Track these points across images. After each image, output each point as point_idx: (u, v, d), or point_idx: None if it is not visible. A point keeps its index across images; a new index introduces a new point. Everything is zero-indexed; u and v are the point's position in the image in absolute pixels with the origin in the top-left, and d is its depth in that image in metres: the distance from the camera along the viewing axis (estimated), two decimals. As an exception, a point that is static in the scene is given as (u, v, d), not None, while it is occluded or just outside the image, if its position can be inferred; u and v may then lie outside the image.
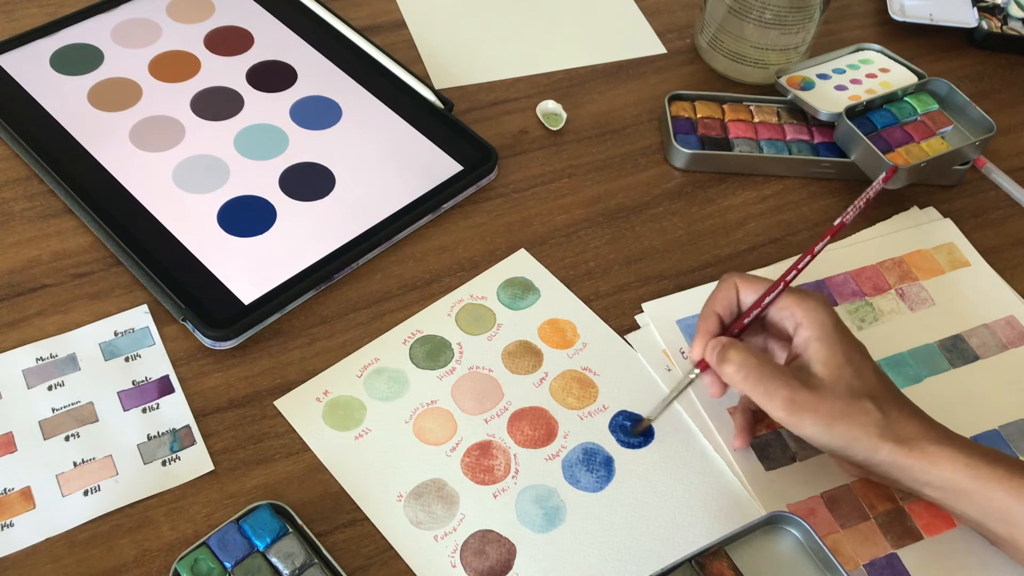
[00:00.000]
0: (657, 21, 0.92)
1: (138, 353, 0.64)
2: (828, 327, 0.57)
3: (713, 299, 0.60)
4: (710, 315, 0.60)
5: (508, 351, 0.66)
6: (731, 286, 0.60)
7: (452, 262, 0.71)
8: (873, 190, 0.62)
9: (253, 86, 0.79)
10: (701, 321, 0.60)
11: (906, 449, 0.54)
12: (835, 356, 0.56)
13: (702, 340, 0.59)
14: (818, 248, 0.60)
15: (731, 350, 0.56)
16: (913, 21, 0.92)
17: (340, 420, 0.62)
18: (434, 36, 0.88)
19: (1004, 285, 0.73)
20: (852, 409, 0.54)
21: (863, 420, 0.54)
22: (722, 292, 0.60)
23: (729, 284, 0.60)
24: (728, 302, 0.60)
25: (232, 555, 0.54)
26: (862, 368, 0.56)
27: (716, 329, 0.59)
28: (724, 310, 0.60)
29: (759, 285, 0.59)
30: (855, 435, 0.54)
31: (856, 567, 0.58)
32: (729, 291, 0.60)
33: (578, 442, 0.62)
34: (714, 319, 0.59)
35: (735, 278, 0.60)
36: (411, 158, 0.75)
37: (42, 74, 0.78)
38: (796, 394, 0.54)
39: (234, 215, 0.70)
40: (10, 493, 0.57)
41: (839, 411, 0.54)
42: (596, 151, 0.80)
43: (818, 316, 0.57)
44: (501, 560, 0.57)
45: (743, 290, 0.60)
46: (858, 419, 0.54)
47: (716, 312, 0.60)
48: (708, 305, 0.60)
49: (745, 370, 0.55)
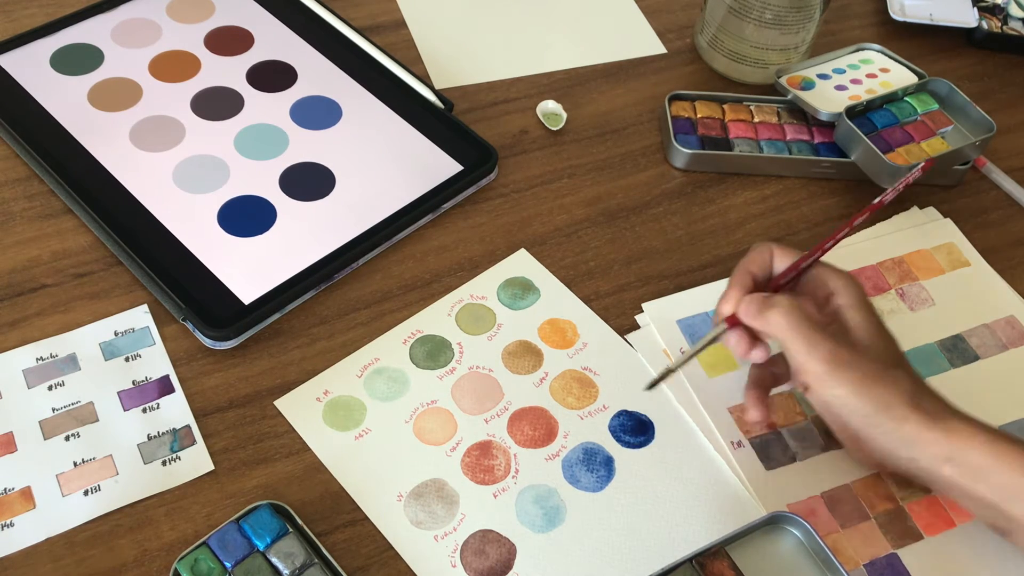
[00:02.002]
0: (657, 21, 0.92)
1: (138, 353, 0.64)
2: (862, 297, 0.58)
3: (748, 260, 0.60)
4: (745, 272, 0.59)
5: (508, 351, 0.66)
6: (766, 250, 0.60)
7: (452, 262, 0.71)
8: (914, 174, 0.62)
9: (253, 86, 0.79)
10: (735, 277, 0.59)
11: (931, 422, 0.54)
12: (870, 323, 0.57)
13: (736, 295, 0.58)
14: (857, 221, 0.60)
15: (779, 297, 0.56)
16: (913, 21, 0.92)
17: (340, 420, 0.62)
18: (434, 36, 0.88)
19: (1004, 285, 0.73)
20: (887, 374, 0.54)
21: (896, 387, 0.54)
22: (757, 254, 0.60)
23: (764, 248, 0.60)
24: (763, 264, 0.59)
25: (232, 555, 0.54)
26: (892, 341, 0.57)
27: (750, 286, 0.58)
28: (759, 270, 0.59)
29: (795, 253, 0.59)
30: (887, 401, 0.54)
31: (856, 567, 0.58)
32: (764, 255, 0.60)
33: (578, 442, 0.62)
34: (748, 276, 0.59)
35: (771, 244, 0.60)
36: (411, 158, 0.75)
37: (42, 74, 0.78)
38: (839, 348, 0.54)
39: (234, 215, 0.70)
40: (10, 493, 0.57)
41: (875, 374, 0.54)
42: (596, 151, 0.80)
43: (853, 286, 0.58)
44: (501, 560, 0.57)
45: (778, 256, 0.59)
46: (892, 385, 0.54)
47: (750, 271, 0.59)
48: (741, 265, 0.59)
49: (793, 318, 0.55)
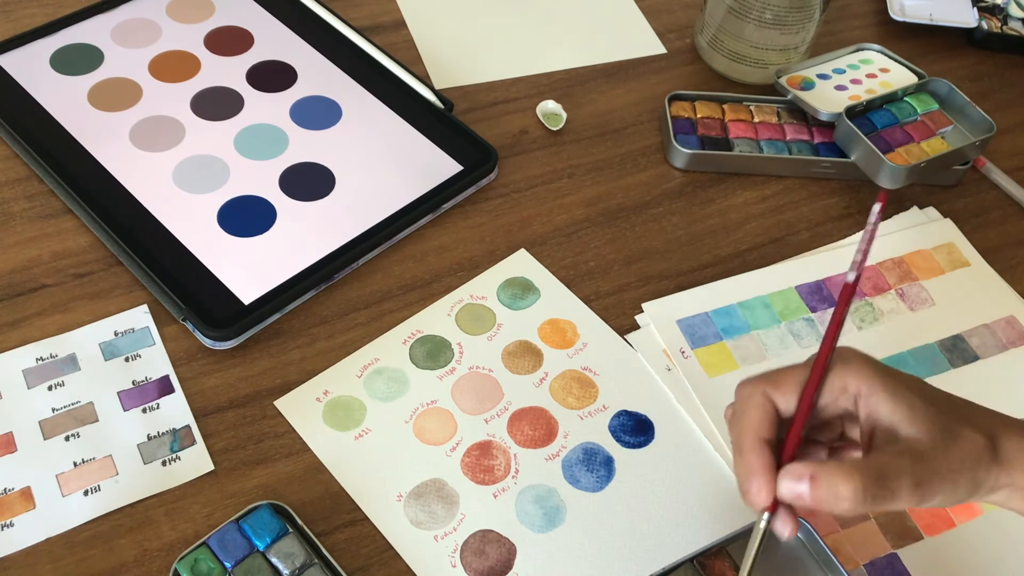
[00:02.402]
0: (657, 21, 0.92)
1: (138, 353, 0.64)
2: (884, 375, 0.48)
3: (750, 424, 0.48)
4: (756, 444, 0.47)
5: (508, 351, 0.66)
6: (762, 399, 0.49)
7: (452, 262, 0.71)
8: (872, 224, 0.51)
9: (253, 86, 0.79)
10: (749, 456, 0.47)
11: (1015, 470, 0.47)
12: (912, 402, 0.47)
13: (767, 478, 0.47)
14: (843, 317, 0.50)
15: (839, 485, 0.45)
16: (913, 21, 0.92)
17: (340, 420, 0.62)
18: (434, 36, 0.88)
19: (1004, 285, 0.73)
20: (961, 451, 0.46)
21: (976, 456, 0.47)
22: (755, 411, 0.48)
23: (759, 398, 0.49)
24: (768, 420, 0.48)
25: (232, 555, 0.54)
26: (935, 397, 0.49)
27: (771, 460, 0.47)
28: (768, 430, 0.48)
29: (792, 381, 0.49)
30: (977, 479, 0.47)
31: (856, 567, 0.58)
32: (763, 406, 0.48)
33: (578, 442, 0.62)
34: (764, 449, 0.47)
35: (761, 387, 0.49)
36: (411, 158, 0.75)
37: (42, 74, 0.78)
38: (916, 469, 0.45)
39: (234, 215, 0.70)
40: (10, 493, 0.57)
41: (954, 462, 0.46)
42: (596, 151, 0.80)
43: (866, 370, 0.48)
44: (501, 560, 0.57)
45: (777, 395, 0.49)
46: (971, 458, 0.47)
47: (762, 438, 0.48)
48: (747, 433, 0.48)
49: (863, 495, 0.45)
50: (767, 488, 0.47)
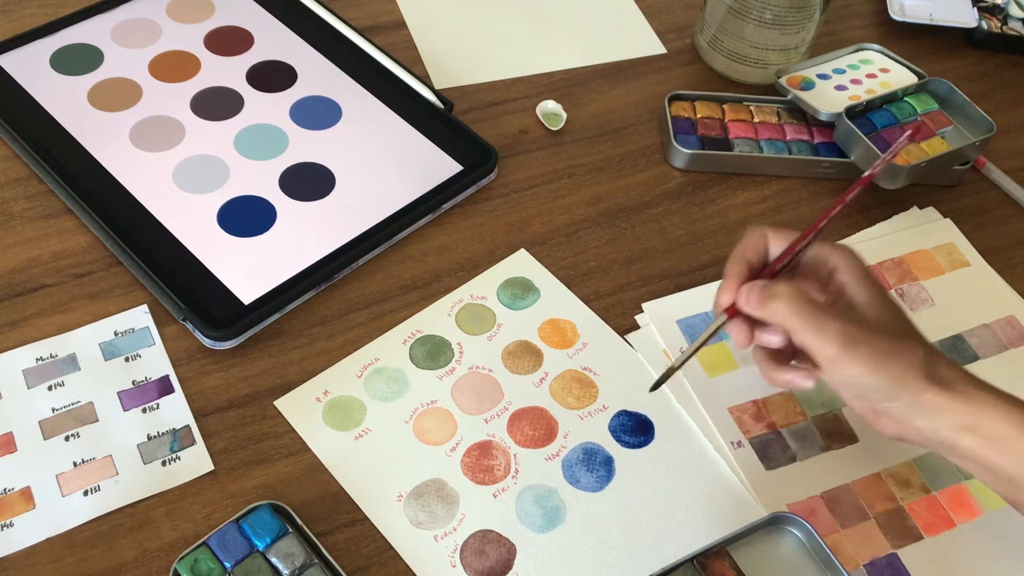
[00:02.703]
0: (657, 21, 0.92)
1: (138, 353, 0.64)
2: (865, 271, 0.56)
3: (742, 247, 0.58)
4: (740, 260, 0.57)
5: (508, 351, 0.66)
6: (760, 235, 0.58)
7: (452, 262, 0.71)
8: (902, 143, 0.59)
9: (253, 86, 0.79)
10: (731, 266, 0.57)
11: (949, 391, 0.52)
12: (877, 297, 0.55)
13: (733, 285, 0.56)
14: (850, 196, 0.58)
15: (778, 286, 0.54)
16: (913, 21, 0.92)
17: (340, 420, 0.62)
18: (434, 36, 0.88)
19: (1004, 285, 0.73)
20: (899, 348, 0.53)
21: (911, 358, 0.52)
22: (751, 241, 0.58)
23: (758, 234, 0.58)
24: (758, 249, 0.57)
25: (232, 555, 0.54)
26: (900, 311, 0.55)
27: (746, 275, 0.56)
28: (755, 256, 0.57)
29: (789, 235, 0.57)
30: (902, 375, 0.52)
31: (856, 567, 0.58)
32: (759, 240, 0.58)
33: (578, 442, 0.62)
34: (744, 265, 0.57)
35: (764, 228, 0.58)
36: (411, 158, 0.75)
37: (42, 74, 0.78)
38: (849, 327, 0.52)
39: (234, 215, 0.70)
40: (10, 493, 0.57)
41: (888, 349, 0.52)
42: (596, 151, 0.80)
43: (854, 261, 0.56)
44: (501, 560, 0.57)
45: (773, 240, 0.57)
46: (906, 357, 0.52)
47: (746, 258, 0.57)
48: (737, 253, 0.57)
49: (797, 303, 0.52)
50: (729, 292, 0.55)
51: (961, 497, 0.61)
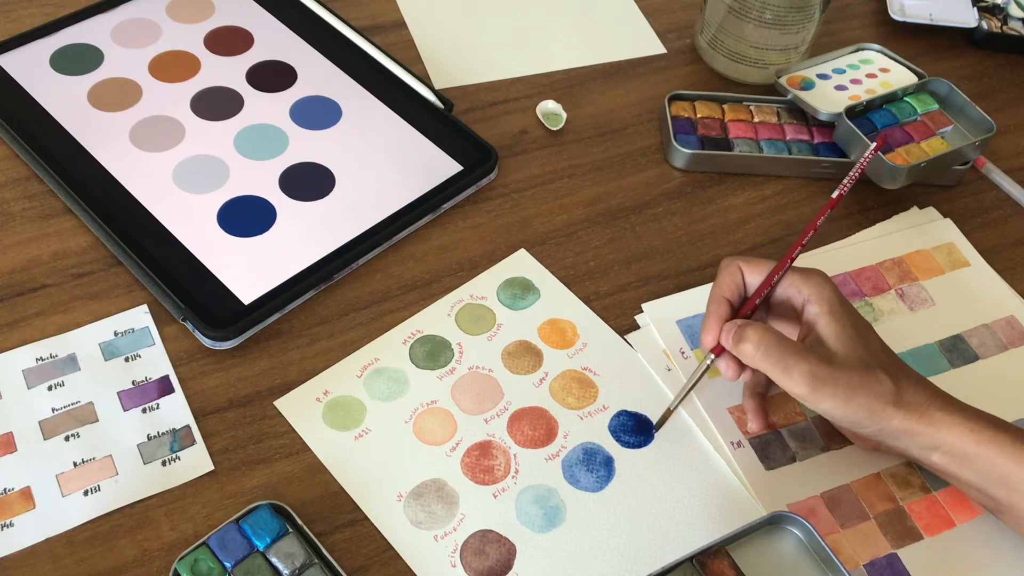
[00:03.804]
0: (657, 21, 0.92)
1: (138, 353, 0.64)
2: (835, 302, 0.58)
3: (719, 285, 0.61)
4: (719, 300, 0.60)
5: (508, 351, 0.66)
6: (735, 270, 0.61)
7: (452, 262, 0.71)
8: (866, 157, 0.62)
9: (253, 86, 0.79)
10: (711, 306, 0.60)
11: (916, 415, 0.55)
12: (846, 329, 0.57)
13: (714, 325, 0.59)
14: (820, 221, 0.61)
15: (748, 329, 0.57)
16: (913, 21, 0.92)
17: (340, 420, 0.62)
18: (434, 36, 0.88)
19: (1004, 285, 0.73)
20: (867, 380, 0.55)
21: (878, 390, 0.55)
22: (727, 276, 0.61)
23: (733, 268, 0.61)
24: (735, 286, 0.60)
25: (232, 555, 0.54)
26: (870, 340, 0.58)
27: (727, 313, 0.60)
28: (732, 294, 0.60)
29: (763, 266, 0.60)
30: (871, 406, 0.55)
31: (856, 567, 0.58)
32: (734, 275, 0.60)
33: (578, 442, 0.62)
34: (724, 304, 0.60)
35: (738, 261, 0.61)
36: (411, 158, 0.75)
37: (42, 74, 0.78)
38: (815, 368, 0.55)
39: (234, 215, 0.70)
40: (10, 493, 0.57)
41: (856, 383, 0.55)
42: (596, 151, 0.80)
43: (825, 292, 0.58)
44: (501, 560, 0.57)
45: (748, 272, 0.60)
46: (873, 389, 0.55)
47: (724, 297, 0.60)
48: (715, 290, 0.61)
49: (764, 347, 0.56)
50: (712, 333, 0.59)
51: (961, 497, 0.61)
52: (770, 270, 0.60)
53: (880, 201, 0.78)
